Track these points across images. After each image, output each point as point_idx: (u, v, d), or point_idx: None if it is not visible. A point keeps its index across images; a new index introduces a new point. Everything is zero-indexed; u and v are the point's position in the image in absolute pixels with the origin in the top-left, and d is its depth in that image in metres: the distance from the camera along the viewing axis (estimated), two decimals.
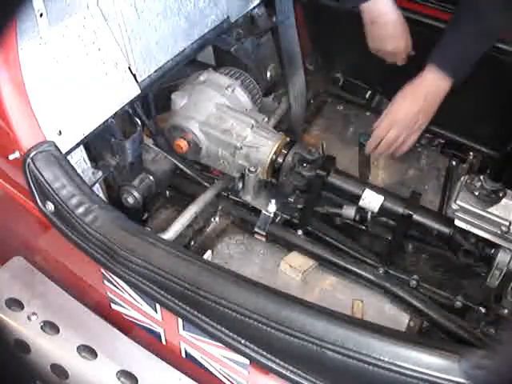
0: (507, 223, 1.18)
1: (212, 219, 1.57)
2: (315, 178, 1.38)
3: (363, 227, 1.57)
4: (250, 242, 1.53)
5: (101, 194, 1.36)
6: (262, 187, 1.48)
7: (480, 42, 1.39)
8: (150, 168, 1.47)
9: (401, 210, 1.33)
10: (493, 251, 1.26)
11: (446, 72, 1.40)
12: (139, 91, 1.33)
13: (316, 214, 1.53)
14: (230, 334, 0.94)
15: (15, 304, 1.26)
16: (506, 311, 1.28)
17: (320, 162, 1.39)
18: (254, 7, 1.69)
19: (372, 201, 1.35)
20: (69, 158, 1.18)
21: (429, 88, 1.42)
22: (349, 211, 1.44)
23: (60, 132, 1.15)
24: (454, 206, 1.21)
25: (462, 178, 1.24)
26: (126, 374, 1.17)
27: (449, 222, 1.28)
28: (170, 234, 1.39)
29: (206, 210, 1.52)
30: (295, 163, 1.39)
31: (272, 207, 1.43)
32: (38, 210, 1.10)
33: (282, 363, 0.91)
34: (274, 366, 0.92)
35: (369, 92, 1.99)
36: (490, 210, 1.19)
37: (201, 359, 1.13)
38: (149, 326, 1.18)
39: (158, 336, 1.18)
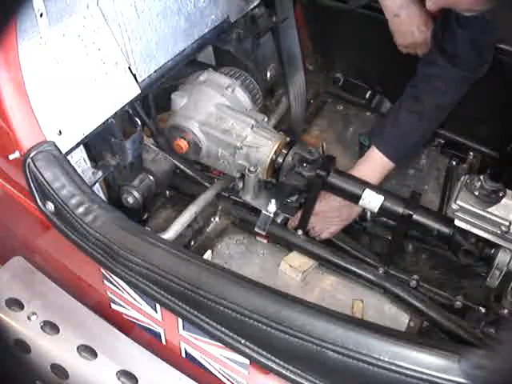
0: (507, 223, 1.18)
1: (212, 219, 1.57)
2: (315, 178, 1.38)
3: (363, 227, 1.58)
4: (250, 242, 1.53)
5: (101, 194, 1.36)
6: (261, 187, 1.48)
7: (419, 121, 1.45)
8: (150, 168, 1.47)
9: (401, 210, 1.33)
10: (493, 251, 1.25)
11: (387, 155, 1.46)
12: (139, 91, 1.33)
13: None
14: (230, 333, 0.94)
15: (15, 304, 1.26)
16: (505, 311, 1.28)
17: (320, 162, 1.39)
18: (254, 7, 1.69)
19: (372, 201, 1.35)
20: (69, 157, 1.18)
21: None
22: None
23: (60, 132, 1.15)
24: (454, 206, 1.21)
25: (462, 178, 1.24)
26: (126, 373, 1.17)
27: (449, 221, 1.28)
28: (169, 234, 1.39)
29: (206, 210, 1.52)
30: (295, 163, 1.39)
31: (272, 207, 1.43)
32: (38, 209, 1.10)
33: (282, 363, 0.92)
34: (274, 365, 0.92)
35: (369, 92, 1.99)
36: (490, 210, 1.19)
37: (201, 359, 1.13)
38: (149, 326, 1.18)
39: (158, 336, 1.18)
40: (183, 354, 1.16)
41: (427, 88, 1.44)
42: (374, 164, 1.47)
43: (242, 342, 0.93)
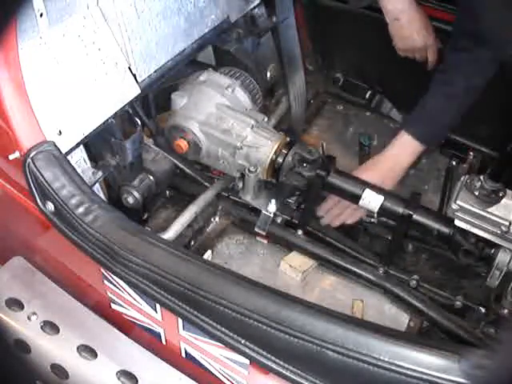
0: (507, 223, 1.18)
1: (212, 219, 1.57)
2: (315, 178, 1.38)
3: (363, 227, 1.58)
4: (250, 242, 1.53)
5: (101, 194, 1.36)
6: (261, 187, 1.48)
7: (449, 105, 1.43)
8: (150, 168, 1.47)
9: (401, 210, 1.33)
10: (493, 251, 1.25)
11: (415, 137, 1.44)
12: (139, 91, 1.33)
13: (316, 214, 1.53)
14: (230, 333, 0.94)
15: (15, 304, 1.26)
16: (505, 311, 1.28)
17: (320, 162, 1.39)
18: (254, 7, 1.68)
19: (372, 201, 1.35)
20: (69, 157, 1.18)
21: (393, 160, 1.46)
22: None
23: (60, 132, 1.15)
24: (454, 206, 1.21)
25: (462, 178, 1.24)
26: (126, 373, 1.17)
27: (449, 222, 1.28)
28: (169, 234, 1.39)
29: (206, 210, 1.52)
30: (295, 163, 1.39)
31: (272, 207, 1.43)
32: (38, 209, 1.10)
33: (282, 363, 0.92)
34: (274, 365, 0.92)
35: (369, 92, 1.98)
36: (490, 210, 1.19)
37: (201, 359, 1.13)
38: (149, 326, 1.18)
39: (158, 336, 1.18)
40: (183, 354, 1.16)
41: (455, 72, 1.43)
42: (405, 146, 1.46)
43: (242, 342, 0.93)
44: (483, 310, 1.33)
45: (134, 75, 1.31)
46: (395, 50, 1.64)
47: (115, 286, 1.14)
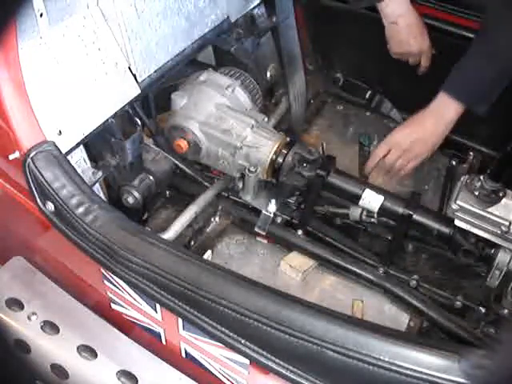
0: (507, 223, 1.18)
1: (212, 219, 1.57)
2: (315, 178, 1.38)
3: (363, 227, 1.58)
4: (250, 242, 1.53)
5: (101, 194, 1.36)
6: (261, 187, 1.48)
7: (488, 63, 1.38)
8: (150, 168, 1.47)
9: (401, 209, 1.33)
10: (493, 251, 1.26)
11: (453, 96, 1.41)
12: (139, 91, 1.33)
13: (316, 213, 1.53)
14: (230, 334, 0.94)
15: (15, 304, 1.26)
16: (505, 311, 1.28)
17: (320, 162, 1.39)
18: (254, 7, 1.69)
19: (372, 201, 1.35)
20: (69, 157, 1.18)
21: (435, 117, 1.44)
22: (356, 212, 1.46)
23: (60, 132, 1.15)
24: (454, 206, 1.21)
25: (462, 178, 1.24)
26: (126, 373, 1.17)
27: (449, 222, 1.28)
28: (169, 234, 1.39)
29: (206, 210, 1.52)
30: (295, 163, 1.39)
31: (272, 207, 1.43)
32: (38, 209, 1.10)
33: (282, 363, 0.92)
34: (274, 365, 0.92)
35: (369, 92, 1.98)
36: (490, 210, 1.19)
37: (201, 359, 1.13)
38: (149, 326, 1.18)
39: (158, 336, 1.18)
40: (183, 354, 1.16)
41: (495, 29, 1.37)
42: (443, 105, 1.43)
43: (242, 341, 0.93)
44: (483, 310, 1.33)
45: (134, 75, 1.31)
46: None
47: (115, 286, 1.14)
